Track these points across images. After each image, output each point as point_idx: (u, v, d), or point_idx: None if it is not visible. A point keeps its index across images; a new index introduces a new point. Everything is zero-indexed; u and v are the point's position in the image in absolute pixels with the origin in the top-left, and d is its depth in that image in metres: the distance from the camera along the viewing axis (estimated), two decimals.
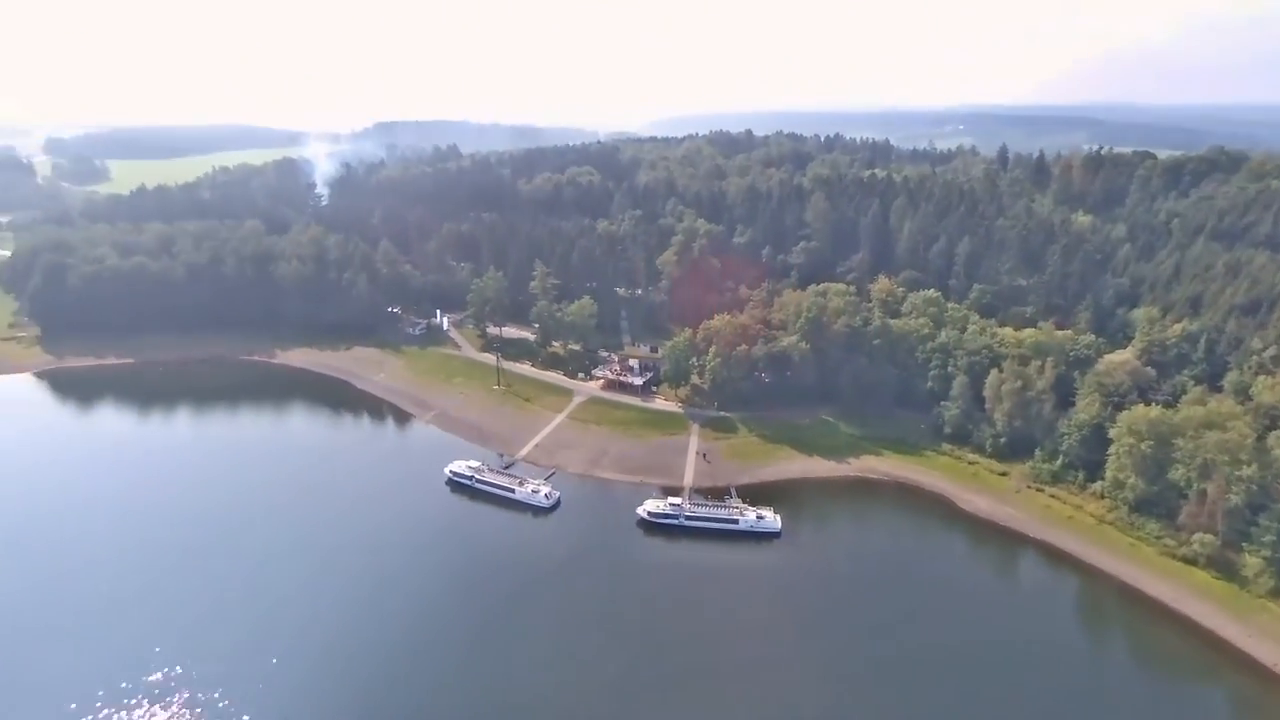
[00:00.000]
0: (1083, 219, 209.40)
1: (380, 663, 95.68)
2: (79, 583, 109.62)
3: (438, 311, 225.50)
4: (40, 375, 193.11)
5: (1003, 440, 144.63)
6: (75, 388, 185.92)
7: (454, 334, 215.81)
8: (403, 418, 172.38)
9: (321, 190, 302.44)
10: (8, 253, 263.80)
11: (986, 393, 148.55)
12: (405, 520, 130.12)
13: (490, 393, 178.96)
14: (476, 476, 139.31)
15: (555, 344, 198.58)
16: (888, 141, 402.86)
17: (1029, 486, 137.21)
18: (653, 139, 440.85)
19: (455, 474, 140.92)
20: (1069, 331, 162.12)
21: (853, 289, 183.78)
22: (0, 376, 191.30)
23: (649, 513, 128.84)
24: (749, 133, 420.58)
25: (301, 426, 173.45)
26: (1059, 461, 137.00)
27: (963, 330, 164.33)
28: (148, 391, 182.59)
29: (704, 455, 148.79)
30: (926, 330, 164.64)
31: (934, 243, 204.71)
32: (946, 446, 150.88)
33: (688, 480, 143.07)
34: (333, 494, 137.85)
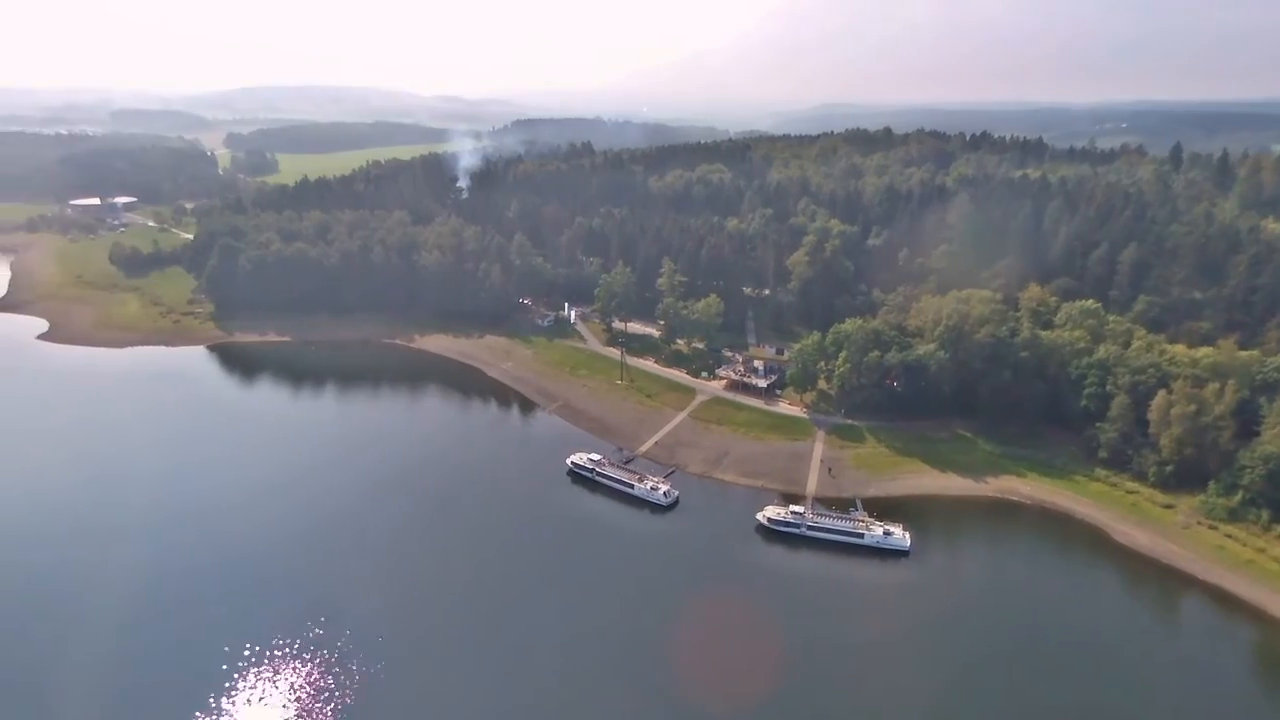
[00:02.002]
0: (1274, 226, 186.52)
1: (484, 645, 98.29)
2: (228, 528, 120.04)
3: (566, 304, 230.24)
4: (212, 349, 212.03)
5: (1169, 469, 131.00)
6: (240, 361, 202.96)
7: (580, 327, 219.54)
8: (528, 406, 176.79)
9: (463, 184, 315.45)
10: (190, 236, 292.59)
11: (1152, 415, 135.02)
12: (527, 506, 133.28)
13: (613, 387, 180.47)
14: (597, 469, 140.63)
15: (680, 341, 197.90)
16: (1041, 140, 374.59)
17: (1199, 522, 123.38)
18: (785, 136, 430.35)
19: (576, 465, 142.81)
20: (1255, 352, 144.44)
21: (999, 296, 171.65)
22: (181, 348, 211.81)
23: (769, 519, 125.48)
24: (888, 131, 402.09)
25: (435, 409, 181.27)
26: (1238, 497, 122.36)
27: (1125, 345, 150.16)
28: (301, 369, 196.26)
29: (829, 470, 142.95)
30: (1083, 344, 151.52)
31: (1093, 249, 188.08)
32: (1101, 472, 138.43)
33: (810, 489, 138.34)
34: (461, 475, 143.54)
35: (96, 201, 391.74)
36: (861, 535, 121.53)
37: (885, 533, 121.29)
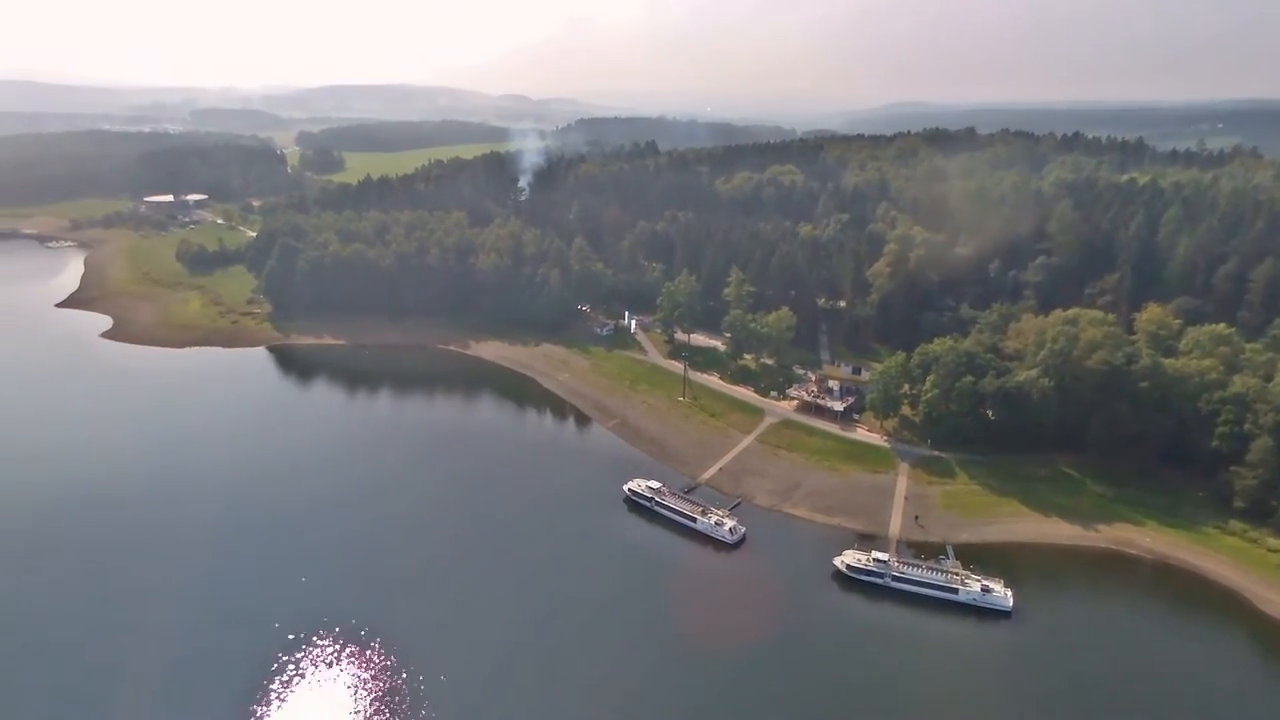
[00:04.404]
0: None
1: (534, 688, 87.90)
2: (271, 536, 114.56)
3: (626, 313, 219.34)
4: (271, 350, 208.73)
5: None
6: (295, 365, 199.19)
7: (641, 337, 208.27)
8: (583, 421, 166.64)
9: (523, 184, 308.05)
10: (254, 234, 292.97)
11: None
12: (580, 535, 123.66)
13: (675, 404, 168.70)
14: (656, 499, 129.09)
15: (747, 356, 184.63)
16: (1141, 141, 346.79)
17: None
18: (859, 137, 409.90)
19: (634, 493, 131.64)
20: None
21: (1112, 318, 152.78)
22: (238, 349, 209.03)
23: (848, 566, 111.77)
24: (970, 130, 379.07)
25: (488, 421, 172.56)
26: None
27: (1267, 379, 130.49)
28: (356, 375, 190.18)
29: (916, 517, 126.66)
30: (1215, 374, 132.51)
31: (1220, 265, 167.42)
32: (1236, 525, 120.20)
33: (894, 530, 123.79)
34: (512, 494, 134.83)
35: (169, 198, 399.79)
36: (956, 590, 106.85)
37: (984, 589, 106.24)
